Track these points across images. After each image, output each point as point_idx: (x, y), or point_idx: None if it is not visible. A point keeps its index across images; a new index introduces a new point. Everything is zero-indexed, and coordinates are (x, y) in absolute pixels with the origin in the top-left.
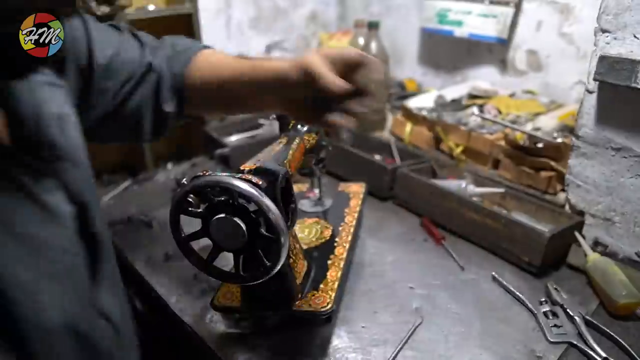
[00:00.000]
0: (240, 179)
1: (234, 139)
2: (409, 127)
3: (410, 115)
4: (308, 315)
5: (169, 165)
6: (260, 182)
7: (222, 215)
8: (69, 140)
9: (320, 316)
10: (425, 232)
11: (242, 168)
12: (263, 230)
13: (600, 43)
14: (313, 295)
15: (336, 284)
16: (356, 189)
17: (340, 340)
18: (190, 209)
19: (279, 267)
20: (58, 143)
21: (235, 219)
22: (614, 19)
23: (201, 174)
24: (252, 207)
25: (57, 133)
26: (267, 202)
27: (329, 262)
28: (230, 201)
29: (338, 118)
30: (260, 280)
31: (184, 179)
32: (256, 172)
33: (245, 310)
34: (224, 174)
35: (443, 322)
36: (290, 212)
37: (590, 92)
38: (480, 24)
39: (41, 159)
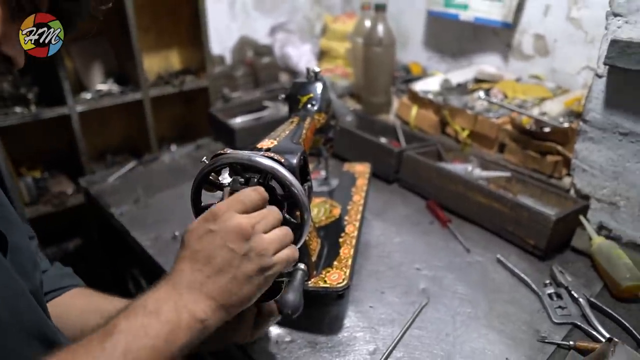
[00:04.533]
0: (264, 156)
1: (238, 120)
2: (414, 110)
3: (416, 98)
4: (323, 291)
5: (173, 147)
6: (283, 160)
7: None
8: None
9: (335, 292)
10: (431, 214)
11: (259, 146)
12: (285, 213)
13: (612, 27)
14: (328, 272)
15: (349, 260)
16: (361, 169)
17: (348, 320)
18: (211, 185)
19: (301, 242)
20: None
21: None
22: (626, 2)
23: (222, 152)
24: (279, 190)
25: None
26: (291, 178)
27: (341, 240)
28: (260, 180)
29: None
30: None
31: (204, 157)
32: (274, 150)
33: None
34: (246, 151)
35: (450, 303)
36: (306, 189)
37: (600, 77)
38: (485, 7)
39: None
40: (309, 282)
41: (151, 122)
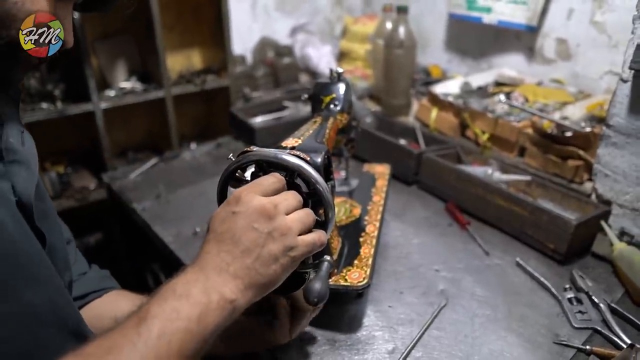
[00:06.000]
0: (290, 154)
1: (259, 120)
2: (434, 112)
3: (436, 100)
4: (344, 290)
5: (193, 145)
6: (308, 158)
7: None
8: (26, 150)
9: (356, 291)
10: (450, 216)
11: (283, 145)
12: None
13: (638, 31)
14: (348, 270)
15: (370, 260)
16: (381, 170)
17: (367, 319)
18: (237, 182)
19: (326, 240)
20: (18, 150)
21: None
22: None
23: (248, 149)
24: (304, 188)
25: (18, 143)
26: (317, 176)
27: (361, 239)
28: (287, 178)
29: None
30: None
31: (231, 154)
32: (298, 149)
33: (282, 286)
34: (272, 149)
35: (468, 305)
36: (330, 188)
37: (625, 81)
38: (509, 10)
39: (2, 159)
40: (330, 280)
41: (173, 120)
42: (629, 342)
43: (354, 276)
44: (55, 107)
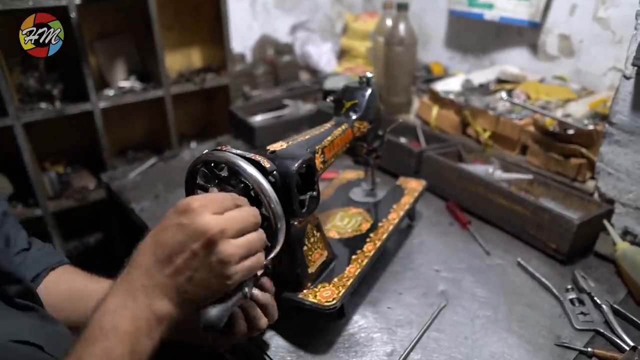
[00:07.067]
0: (246, 159)
1: (259, 118)
2: (435, 110)
3: (437, 98)
4: (309, 307)
5: (193, 144)
6: (269, 165)
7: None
8: None
9: (322, 310)
10: (451, 216)
11: (267, 148)
12: (264, 211)
13: None
14: (323, 287)
15: (350, 280)
16: (414, 186)
17: (365, 320)
18: (200, 181)
19: (276, 251)
20: None
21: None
22: None
23: (219, 149)
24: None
25: None
26: (265, 185)
27: (354, 256)
28: (241, 179)
29: None
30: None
31: (206, 150)
32: (278, 154)
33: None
34: (236, 151)
35: (469, 305)
36: (307, 199)
37: (628, 78)
38: (512, 6)
39: None
40: (300, 294)
41: (172, 119)
42: (631, 344)
43: (326, 294)
44: (54, 106)
